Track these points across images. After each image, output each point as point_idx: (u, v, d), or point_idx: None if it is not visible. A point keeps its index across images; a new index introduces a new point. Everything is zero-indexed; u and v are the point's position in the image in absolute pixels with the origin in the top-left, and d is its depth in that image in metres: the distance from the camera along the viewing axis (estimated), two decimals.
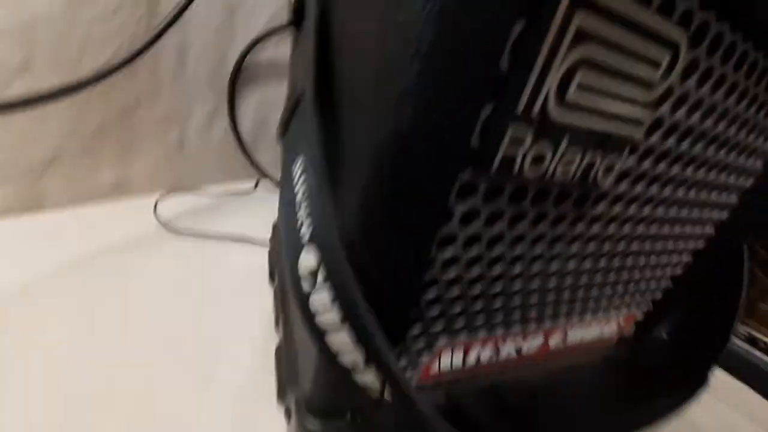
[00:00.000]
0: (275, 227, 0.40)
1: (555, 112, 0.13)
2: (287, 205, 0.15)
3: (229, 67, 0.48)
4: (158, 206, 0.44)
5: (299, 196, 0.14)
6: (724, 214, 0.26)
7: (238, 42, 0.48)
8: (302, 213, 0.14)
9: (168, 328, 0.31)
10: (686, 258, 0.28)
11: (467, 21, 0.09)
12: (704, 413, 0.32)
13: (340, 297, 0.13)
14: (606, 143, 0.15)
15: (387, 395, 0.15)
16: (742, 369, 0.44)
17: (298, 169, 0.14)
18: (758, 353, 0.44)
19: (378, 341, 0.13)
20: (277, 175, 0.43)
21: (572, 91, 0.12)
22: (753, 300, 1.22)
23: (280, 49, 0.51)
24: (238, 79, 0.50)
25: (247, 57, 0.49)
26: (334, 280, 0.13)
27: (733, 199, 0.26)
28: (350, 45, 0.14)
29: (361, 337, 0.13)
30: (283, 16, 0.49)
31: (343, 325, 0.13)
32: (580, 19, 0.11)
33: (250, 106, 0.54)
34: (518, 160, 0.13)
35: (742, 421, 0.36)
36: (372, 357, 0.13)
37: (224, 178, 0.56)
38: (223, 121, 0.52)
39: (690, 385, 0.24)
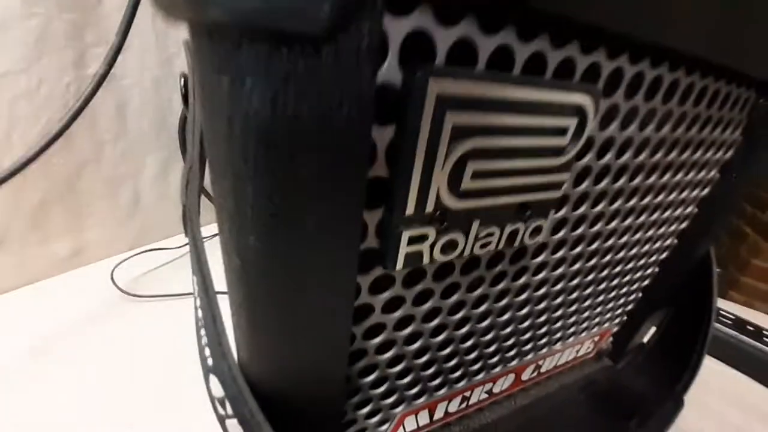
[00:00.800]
0: None
1: (453, 203, 0.11)
2: (195, 322, 0.14)
3: (176, 115, 0.47)
4: (116, 271, 0.42)
5: (199, 319, 0.13)
6: (685, 224, 0.26)
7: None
8: (203, 339, 0.13)
9: (133, 394, 0.29)
10: (653, 269, 0.28)
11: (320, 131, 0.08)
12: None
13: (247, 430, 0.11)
14: (523, 213, 0.14)
15: None
16: (732, 354, 0.43)
17: (195, 288, 0.13)
18: (746, 338, 0.43)
19: None
20: None
21: (467, 181, 0.11)
22: (745, 259, 1.22)
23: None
24: (187, 124, 0.48)
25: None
26: (238, 417, 0.11)
27: (692, 209, 0.25)
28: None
29: None
30: None
31: None
32: (452, 119, 0.10)
33: None
34: (426, 252, 0.12)
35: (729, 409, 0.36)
36: None
37: None
38: (178, 168, 0.50)
39: (666, 410, 0.23)
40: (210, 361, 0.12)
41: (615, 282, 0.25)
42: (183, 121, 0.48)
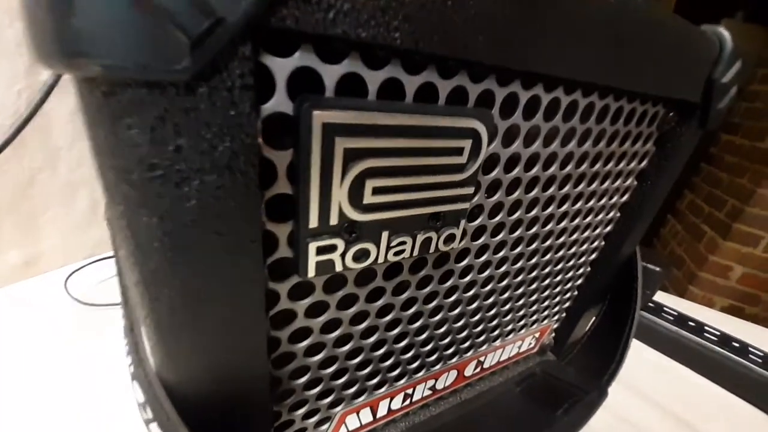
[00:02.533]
0: None
1: (358, 216, 0.13)
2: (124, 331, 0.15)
3: None
4: (71, 279, 0.42)
5: (124, 327, 0.14)
6: (609, 227, 0.28)
7: None
8: (126, 347, 0.13)
9: (88, 401, 0.29)
10: (585, 269, 0.30)
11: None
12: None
13: None
14: (434, 222, 0.15)
15: None
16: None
17: (119, 301, 0.14)
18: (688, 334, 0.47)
19: None
20: None
21: (369, 197, 0.12)
22: (703, 255, 1.28)
23: None
24: None
25: None
26: (158, 420, 0.12)
27: (615, 214, 0.27)
28: None
29: None
30: None
31: None
32: (343, 143, 0.11)
33: None
34: (337, 261, 0.13)
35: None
36: None
37: None
38: None
39: (590, 399, 0.25)
40: (132, 368, 0.13)
41: (547, 282, 0.27)
42: None
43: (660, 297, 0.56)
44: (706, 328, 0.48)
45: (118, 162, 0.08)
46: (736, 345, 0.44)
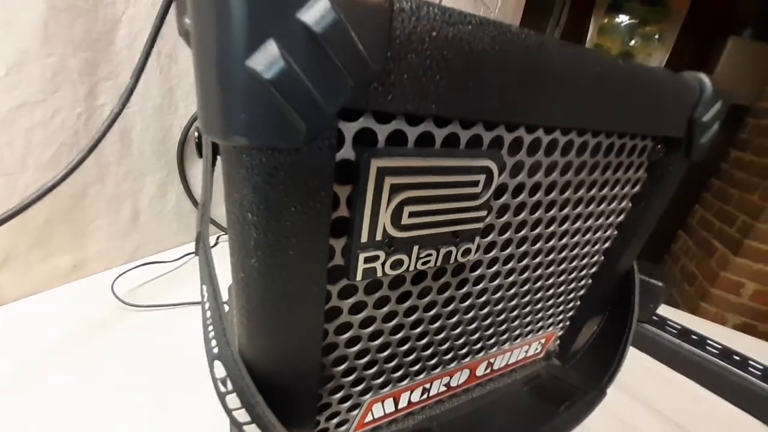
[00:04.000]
0: (230, 289, 0.42)
1: (397, 234, 0.16)
2: (203, 321, 0.18)
3: (175, 139, 0.51)
4: (116, 283, 0.46)
5: (207, 318, 0.17)
6: (608, 244, 0.31)
7: (180, 115, 0.50)
8: (210, 333, 0.17)
9: (133, 402, 0.33)
10: (587, 281, 0.33)
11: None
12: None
13: (244, 403, 0.16)
14: (454, 238, 0.18)
15: None
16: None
17: (204, 294, 0.17)
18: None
19: None
20: None
21: (405, 219, 0.16)
22: (715, 272, 1.28)
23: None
24: (186, 148, 0.53)
25: (192, 126, 0.52)
26: (237, 390, 0.16)
27: (612, 231, 0.30)
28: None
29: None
30: None
31: (251, 423, 0.16)
32: (390, 180, 0.14)
33: (200, 168, 0.56)
34: (378, 268, 0.17)
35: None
36: None
37: (183, 240, 0.58)
38: (176, 187, 0.54)
39: (590, 398, 0.28)
40: (216, 350, 0.16)
41: (551, 291, 0.30)
42: (181, 145, 0.52)
43: (667, 312, 0.58)
44: (708, 341, 0.50)
45: (243, 196, 0.12)
46: (737, 358, 0.46)
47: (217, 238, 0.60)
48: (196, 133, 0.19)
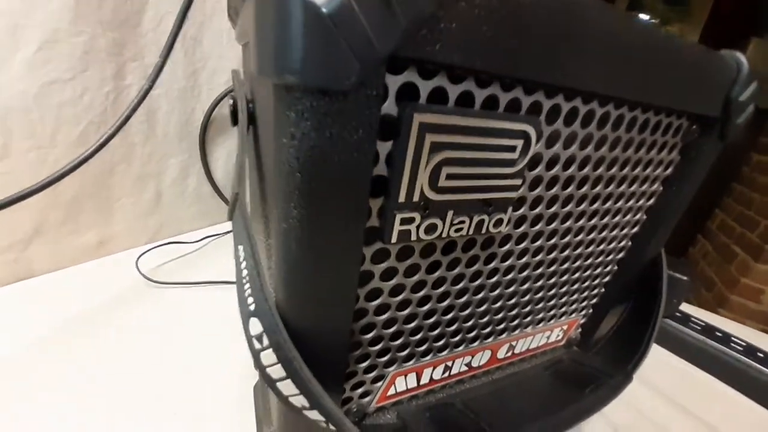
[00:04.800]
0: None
1: (433, 196, 0.16)
2: (237, 281, 0.19)
3: (198, 123, 0.52)
4: (140, 260, 0.47)
5: (244, 276, 0.18)
6: (636, 229, 0.30)
7: (203, 99, 0.51)
8: (247, 290, 0.17)
9: (158, 373, 0.33)
10: (612, 267, 0.32)
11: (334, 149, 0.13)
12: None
13: (280, 358, 0.16)
14: (487, 207, 0.18)
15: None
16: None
17: (240, 254, 0.18)
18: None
19: (314, 389, 0.16)
20: None
21: (443, 181, 0.16)
22: (735, 278, 1.25)
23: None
24: (207, 132, 0.53)
25: (215, 111, 0.52)
26: (273, 345, 0.16)
27: (641, 216, 0.30)
28: (264, 149, 0.18)
29: (301, 387, 0.16)
30: None
31: (286, 378, 0.16)
32: (431, 138, 0.14)
33: (221, 153, 0.57)
34: (413, 231, 0.17)
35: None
36: (312, 401, 0.16)
37: (202, 224, 0.59)
38: (197, 170, 0.55)
39: (616, 382, 0.27)
40: (252, 306, 0.17)
41: (576, 275, 0.29)
42: (203, 129, 0.53)
43: (690, 310, 0.57)
44: (733, 338, 0.48)
45: (290, 141, 0.12)
46: (761, 355, 0.45)
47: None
48: (231, 101, 0.20)
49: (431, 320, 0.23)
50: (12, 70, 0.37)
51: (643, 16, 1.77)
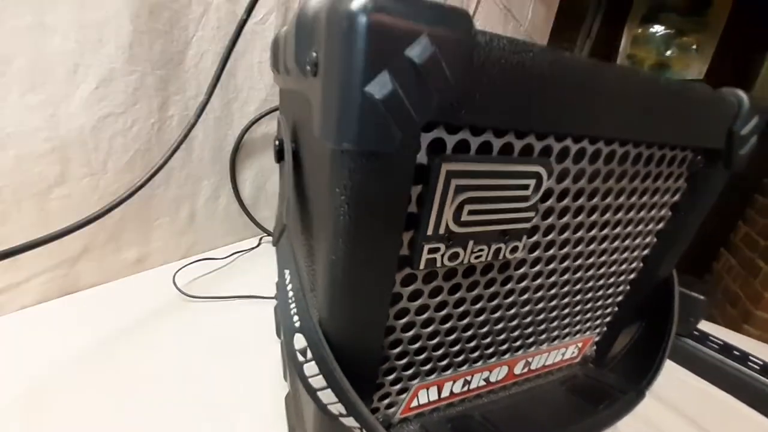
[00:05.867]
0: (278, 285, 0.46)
1: (457, 229, 0.19)
2: (282, 301, 0.21)
3: (229, 147, 0.56)
4: (177, 276, 0.50)
5: (290, 297, 0.20)
6: (647, 251, 0.32)
7: (235, 126, 0.55)
8: (293, 309, 0.20)
9: (192, 383, 0.36)
10: (625, 287, 0.34)
11: (377, 188, 0.15)
12: None
13: (322, 369, 0.18)
14: (504, 236, 0.21)
15: None
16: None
17: (287, 277, 0.20)
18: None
19: (351, 397, 0.18)
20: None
21: (465, 216, 0.18)
22: (759, 292, 1.21)
23: (270, 127, 0.59)
24: (237, 156, 0.57)
25: (245, 136, 0.56)
26: (317, 358, 0.18)
27: (651, 238, 0.31)
28: (311, 187, 0.20)
29: (340, 396, 0.18)
30: (271, 102, 0.57)
31: (327, 388, 0.19)
32: (455, 182, 0.17)
33: (249, 176, 0.61)
34: (438, 259, 0.19)
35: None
36: (349, 409, 0.19)
37: (231, 240, 0.63)
38: (227, 191, 0.59)
39: (629, 398, 0.29)
40: (297, 324, 0.19)
41: (589, 295, 0.31)
42: (234, 153, 0.57)
43: (708, 328, 0.57)
44: (750, 357, 0.48)
45: (342, 191, 0.15)
46: None
47: (260, 239, 0.65)
48: (276, 141, 0.22)
49: (452, 337, 0.25)
50: (72, 106, 0.41)
51: (659, 28, 1.78)
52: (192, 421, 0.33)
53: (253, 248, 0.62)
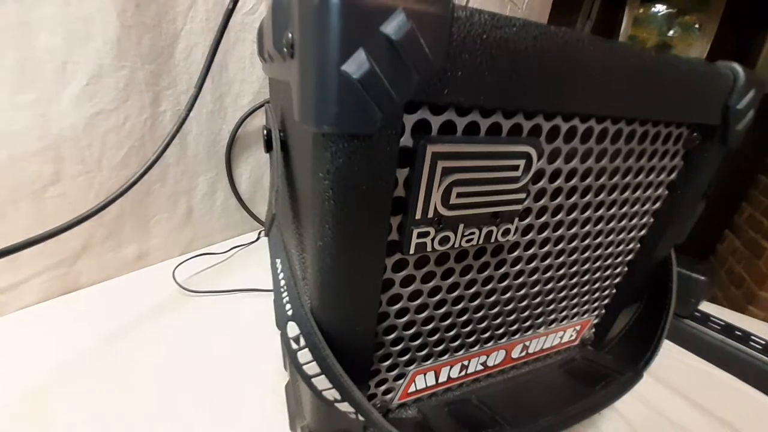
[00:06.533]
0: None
1: (446, 212, 0.18)
2: (275, 290, 0.21)
3: (224, 142, 0.55)
4: (177, 271, 0.51)
5: (282, 286, 0.20)
6: (644, 232, 0.32)
7: (229, 120, 0.55)
8: (285, 297, 0.20)
9: (195, 375, 0.36)
10: (623, 269, 0.34)
11: (363, 172, 0.15)
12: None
13: (315, 356, 0.18)
14: (495, 219, 0.20)
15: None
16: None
17: (278, 266, 0.20)
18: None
19: (345, 383, 0.18)
20: None
21: (454, 199, 0.18)
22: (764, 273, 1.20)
23: (264, 120, 0.58)
24: (233, 150, 0.57)
25: (239, 130, 0.56)
26: (309, 345, 0.18)
27: (648, 218, 0.31)
28: (298, 175, 0.20)
29: (334, 382, 0.18)
30: (264, 94, 0.56)
31: (320, 374, 0.19)
32: (442, 164, 0.17)
33: (244, 169, 0.61)
34: (428, 243, 0.19)
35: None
36: (343, 394, 0.19)
37: (229, 235, 0.63)
38: (223, 186, 0.59)
39: (627, 379, 0.29)
40: (290, 312, 0.19)
41: (586, 277, 0.31)
42: (229, 147, 0.57)
43: (710, 309, 0.56)
44: (753, 337, 0.48)
45: (325, 175, 0.15)
46: None
47: (259, 233, 0.65)
48: (264, 131, 0.22)
49: (447, 322, 0.25)
50: (63, 104, 0.41)
51: (660, 7, 1.74)
52: (195, 411, 0.33)
53: (252, 242, 0.62)
